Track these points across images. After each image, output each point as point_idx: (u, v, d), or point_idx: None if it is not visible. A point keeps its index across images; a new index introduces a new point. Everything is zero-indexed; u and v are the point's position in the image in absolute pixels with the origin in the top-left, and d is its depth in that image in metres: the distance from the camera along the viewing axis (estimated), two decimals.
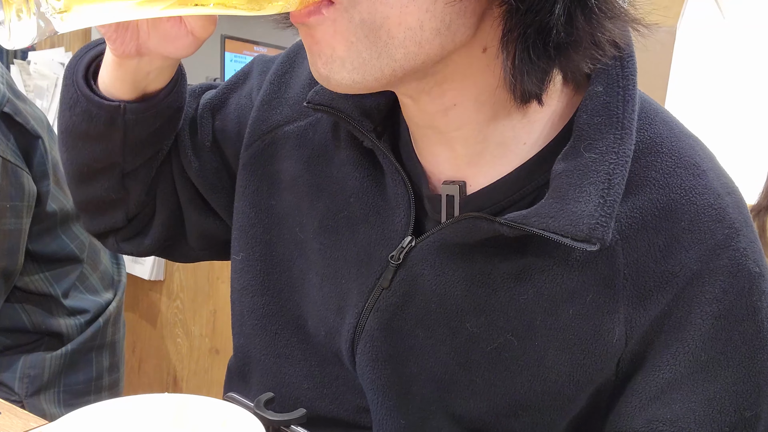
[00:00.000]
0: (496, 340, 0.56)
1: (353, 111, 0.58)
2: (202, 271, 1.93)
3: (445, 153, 0.56)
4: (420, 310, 0.58)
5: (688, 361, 0.53)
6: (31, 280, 1.25)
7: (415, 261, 0.57)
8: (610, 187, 0.49)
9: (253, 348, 0.69)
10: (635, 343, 0.54)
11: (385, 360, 0.59)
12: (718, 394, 0.53)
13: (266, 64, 0.71)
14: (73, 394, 1.30)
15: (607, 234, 0.48)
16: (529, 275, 0.54)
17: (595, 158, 0.50)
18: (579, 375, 0.55)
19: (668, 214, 0.52)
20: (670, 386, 0.53)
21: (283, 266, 0.66)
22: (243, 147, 0.68)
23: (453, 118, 0.53)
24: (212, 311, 1.95)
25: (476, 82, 0.51)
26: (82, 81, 0.63)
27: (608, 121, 0.50)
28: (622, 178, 0.50)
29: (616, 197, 0.49)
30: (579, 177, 0.50)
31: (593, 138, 0.50)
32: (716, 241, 0.52)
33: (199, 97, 0.73)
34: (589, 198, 0.49)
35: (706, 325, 0.52)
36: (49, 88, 2.06)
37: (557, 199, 0.50)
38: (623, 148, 0.50)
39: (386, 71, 0.47)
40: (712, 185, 0.54)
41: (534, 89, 0.49)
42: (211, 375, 1.96)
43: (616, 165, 0.49)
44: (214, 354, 1.96)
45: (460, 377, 0.57)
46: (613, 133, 0.50)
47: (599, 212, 0.48)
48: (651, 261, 0.52)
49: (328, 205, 0.62)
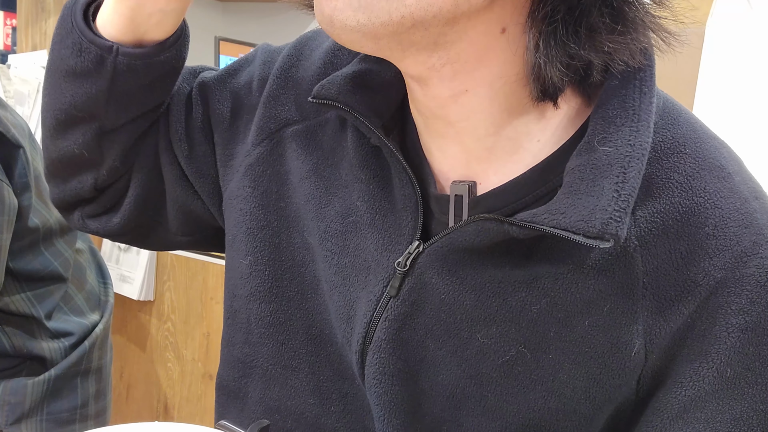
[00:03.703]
0: (507, 353, 0.54)
1: (361, 106, 0.57)
2: (194, 292, 1.91)
3: (453, 148, 0.55)
4: (430, 320, 0.57)
5: (712, 378, 0.51)
6: (12, 300, 1.23)
7: (422, 268, 0.56)
8: (624, 181, 0.47)
9: (260, 358, 0.67)
10: (656, 359, 0.52)
11: (394, 374, 0.58)
12: (744, 413, 0.51)
13: (271, 55, 0.70)
14: (57, 423, 1.28)
15: (622, 230, 0.46)
16: (541, 284, 0.53)
17: (609, 152, 0.48)
18: (596, 392, 0.53)
19: (691, 219, 0.51)
20: (693, 404, 0.52)
21: (293, 272, 0.64)
22: (250, 144, 0.66)
23: (463, 105, 0.52)
24: (205, 334, 1.92)
25: (491, 67, 0.50)
26: (80, 13, 0.62)
27: (623, 113, 0.49)
28: (638, 172, 0.48)
29: (631, 191, 0.48)
30: (592, 171, 0.48)
31: (608, 131, 0.49)
32: (743, 248, 0.50)
33: (196, 76, 0.72)
34: (602, 192, 0.47)
35: (731, 339, 0.50)
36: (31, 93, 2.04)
37: (569, 194, 0.49)
38: (639, 141, 0.49)
39: (395, 16, 0.46)
40: (739, 189, 0.52)
41: (556, 78, 0.48)
42: (204, 402, 1.94)
43: (632, 158, 0.48)
44: (208, 380, 1.93)
45: (471, 393, 0.56)
46: (629, 126, 0.49)
47: (613, 206, 0.47)
48: (672, 269, 0.51)
49: (337, 209, 0.61)
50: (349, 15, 0.46)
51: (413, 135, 0.59)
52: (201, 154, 0.70)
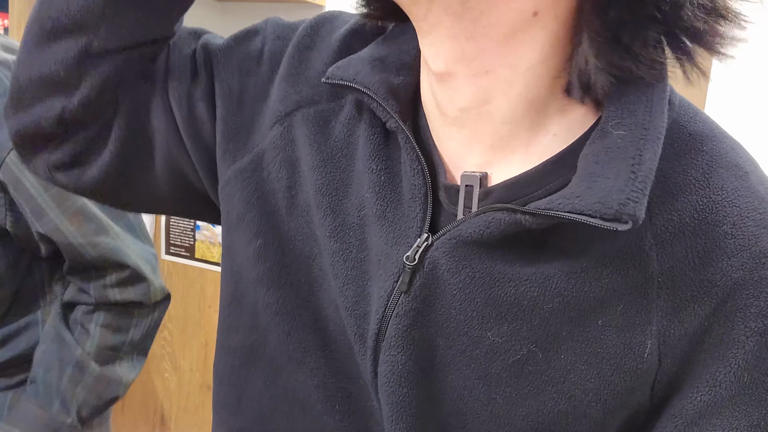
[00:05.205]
0: (519, 352, 0.54)
1: (379, 88, 0.56)
2: (192, 300, 1.90)
3: (466, 136, 0.55)
4: (440, 317, 0.56)
5: (729, 383, 0.51)
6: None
7: (432, 262, 0.55)
8: (641, 162, 0.47)
9: (267, 346, 0.66)
10: (671, 363, 0.52)
11: (404, 375, 0.58)
12: (762, 420, 0.51)
13: (284, 30, 0.67)
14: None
15: (640, 210, 0.46)
16: (554, 282, 0.52)
17: (624, 135, 0.49)
18: (607, 394, 0.53)
19: (708, 217, 0.50)
20: (709, 410, 0.51)
21: (300, 263, 0.63)
22: (263, 126, 0.65)
23: (483, 88, 0.51)
24: (203, 343, 1.91)
25: (517, 51, 0.50)
26: None
27: (637, 98, 0.49)
28: (653, 154, 0.48)
29: (648, 173, 0.47)
30: (607, 154, 0.48)
31: (621, 116, 0.49)
32: (762, 249, 0.50)
33: (197, 38, 0.70)
34: (618, 174, 0.47)
35: (750, 343, 0.50)
36: None
37: (585, 178, 0.48)
38: (654, 124, 0.49)
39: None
40: (756, 188, 0.52)
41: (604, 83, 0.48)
42: (203, 413, 1.94)
43: (647, 140, 0.48)
44: (206, 390, 1.92)
45: (479, 395, 0.56)
46: (643, 110, 0.49)
47: (630, 187, 0.47)
48: (688, 268, 0.50)
49: (353, 202, 0.61)
50: None
51: (425, 127, 0.58)
52: (200, 119, 0.68)
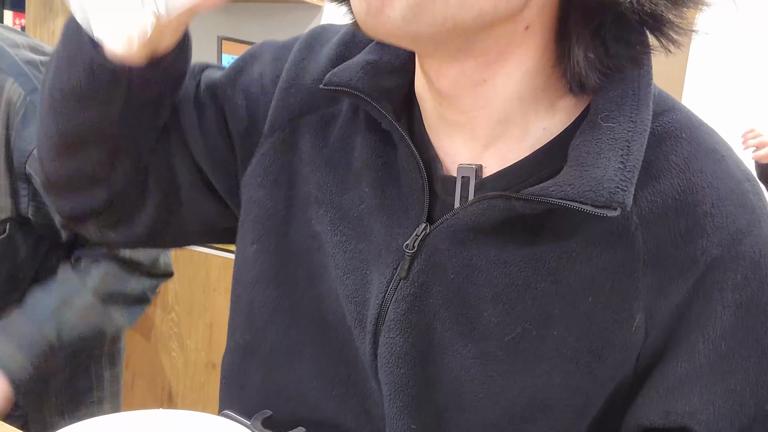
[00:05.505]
0: (514, 330, 0.55)
1: (373, 92, 0.58)
2: (198, 283, 1.92)
3: (463, 135, 0.57)
4: (437, 301, 0.57)
5: (707, 351, 0.52)
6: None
7: (430, 249, 0.57)
8: (629, 153, 0.50)
9: (263, 343, 0.67)
10: (656, 335, 0.53)
11: (402, 357, 0.59)
12: (738, 386, 0.53)
13: (280, 51, 0.69)
14: (75, 404, 1.25)
15: (628, 198, 0.48)
16: (546, 262, 0.54)
17: (612, 127, 0.50)
18: (598, 367, 0.54)
19: (689, 198, 0.52)
20: (688, 377, 0.53)
21: (300, 259, 0.65)
22: (263, 135, 0.66)
23: (480, 94, 0.53)
24: (208, 324, 1.93)
25: (511, 60, 0.52)
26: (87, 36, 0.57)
27: (624, 94, 0.52)
28: (640, 145, 0.50)
29: (635, 163, 0.50)
30: (597, 145, 0.50)
31: (610, 110, 0.51)
32: (738, 227, 0.52)
33: (198, 75, 0.70)
34: (608, 163, 0.49)
35: (727, 314, 0.52)
36: None
37: (576, 167, 0.50)
38: (640, 117, 0.51)
39: (438, 17, 0.47)
40: (732, 171, 0.54)
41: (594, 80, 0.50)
42: (207, 390, 1.95)
43: (634, 132, 0.50)
44: (211, 369, 1.94)
45: (476, 374, 0.57)
46: (630, 105, 0.51)
47: (619, 176, 0.49)
48: (671, 246, 0.52)
49: (351, 197, 0.62)
50: (397, 13, 0.46)
51: (419, 122, 0.60)
52: (218, 151, 0.68)
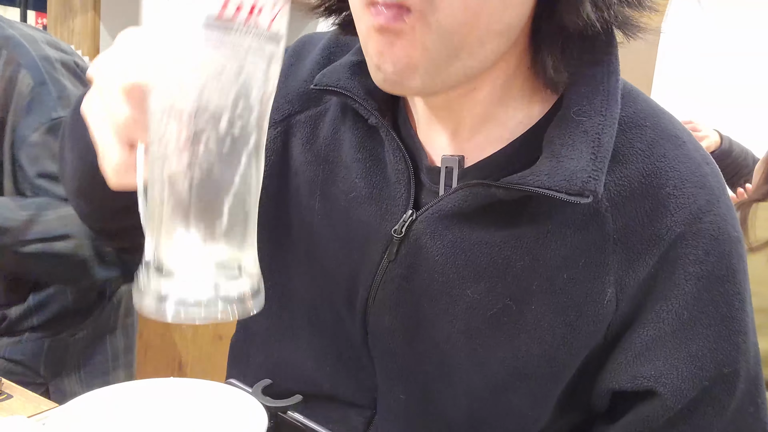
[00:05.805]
0: (495, 306, 0.57)
1: (359, 90, 0.60)
2: None
3: (447, 132, 0.59)
4: (424, 280, 0.59)
5: (671, 320, 0.55)
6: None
7: (416, 233, 0.59)
8: (600, 145, 0.52)
9: (259, 326, 0.70)
10: (625, 306, 0.56)
11: (391, 333, 0.61)
12: (699, 351, 0.55)
13: None
14: (93, 375, 1.32)
15: (599, 187, 0.51)
16: (524, 242, 0.56)
17: (584, 121, 0.53)
18: (572, 338, 0.56)
19: (654, 181, 0.54)
20: (654, 343, 0.55)
21: (289, 247, 0.67)
22: None
23: (469, 99, 0.56)
24: None
25: (495, 71, 0.55)
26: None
27: (594, 90, 0.54)
28: (610, 137, 0.52)
29: (606, 154, 0.52)
30: (571, 137, 0.52)
31: (582, 104, 0.53)
32: (699, 206, 0.54)
33: None
34: (581, 155, 0.51)
35: (689, 285, 0.54)
36: None
37: (552, 158, 0.52)
38: (610, 111, 0.53)
39: (453, 76, 0.50)
40: (692, 155, 0.56)
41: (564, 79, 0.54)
42: (215, 360, 2.01)
43: (604, 126, 0.52)
44: (218, 340, 2.02)
45: (462, 346, 0.59)
46: (600, 99, 0.53)
47: (591, 167, 0.51)
48: (638, 225, 0.54)
49: (340, 188, 0.64)
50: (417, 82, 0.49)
51: (405, 118, 0.62)
52: None
